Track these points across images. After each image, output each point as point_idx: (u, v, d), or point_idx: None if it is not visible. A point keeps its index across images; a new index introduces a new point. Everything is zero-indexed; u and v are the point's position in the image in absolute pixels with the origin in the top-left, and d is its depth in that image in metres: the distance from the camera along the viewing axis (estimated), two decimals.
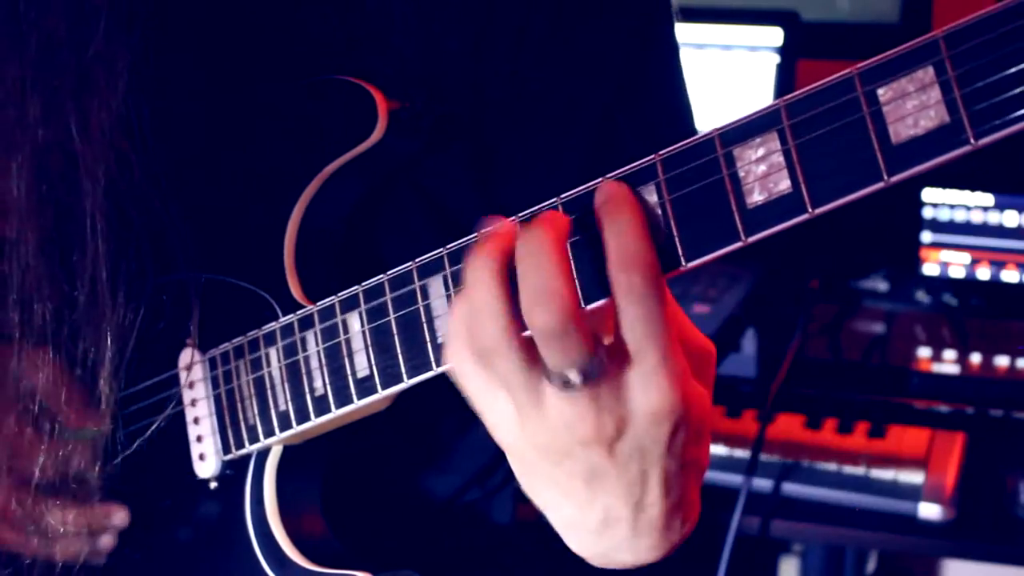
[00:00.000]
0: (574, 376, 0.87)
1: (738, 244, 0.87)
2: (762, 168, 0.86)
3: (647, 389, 0.88)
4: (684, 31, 1.34)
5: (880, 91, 0.81)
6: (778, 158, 0.85)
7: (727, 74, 2.76)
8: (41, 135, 1.09)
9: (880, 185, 0.81)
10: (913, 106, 0.80)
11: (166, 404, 1.22)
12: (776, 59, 2.74)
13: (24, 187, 1.10)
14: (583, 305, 0.92)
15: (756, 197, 0.86)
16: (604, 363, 0.88)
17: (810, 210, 0.84)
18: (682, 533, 1.01)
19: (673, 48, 1.31)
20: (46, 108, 1.09)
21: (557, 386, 0.88)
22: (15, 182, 1.10)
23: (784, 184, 0.85)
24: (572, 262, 0.92)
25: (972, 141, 0.78)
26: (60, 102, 1.09)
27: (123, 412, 1.23)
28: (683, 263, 0.89)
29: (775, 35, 2.74)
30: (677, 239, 0.90)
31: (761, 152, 0.86)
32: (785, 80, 2.73)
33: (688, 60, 1.34)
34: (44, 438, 1.18)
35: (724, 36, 2.77)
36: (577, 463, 0.92)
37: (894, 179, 0.81)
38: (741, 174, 0.87)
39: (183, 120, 1.21)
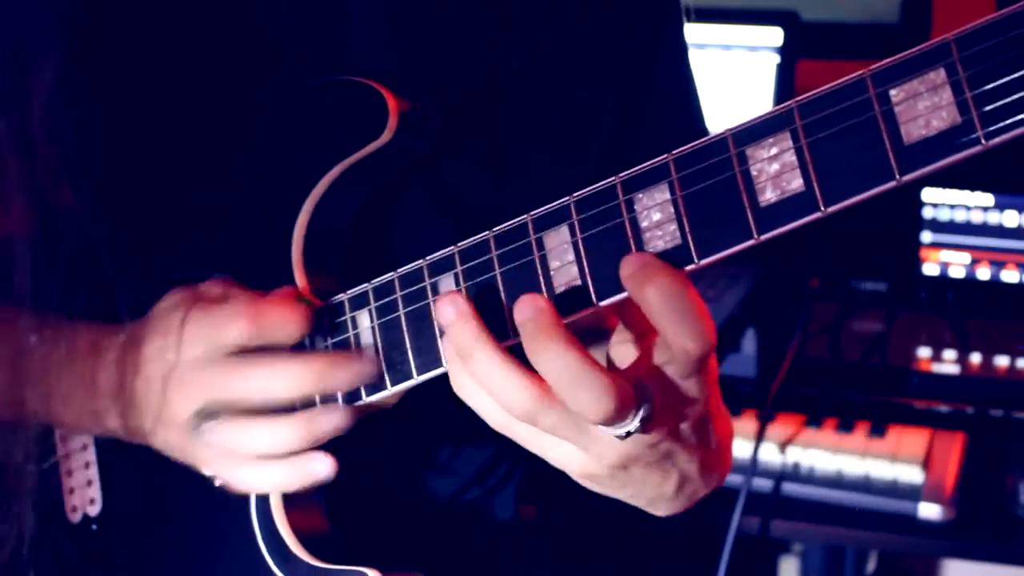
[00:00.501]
0: (634, 427, 0.91)
1: (751, 242, 0.88)
2: (775, 167, 0.87)
3: (688, 376, 0.93)
4: (685, 31, 1.35)
5: (892, 92, 0.82)
6: (790, 157, 0.86)
7: (727, 74, 2.76)
8: None
9: (892, 184, 0.82)
10: (925, 107, 0.81)
11: None
12: (776, 59, 2.74)
13: None
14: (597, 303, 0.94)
15: (768, 195, 0.87)
16: (651, 396, 0.92)
17: (823, 209, 0.85)
18: (731, 440, 1.09)
19: (682, 48, 1.31)
20: None
21: (621, 437, 0.92)
22: None
23: (796, 183, 0.86)
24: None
25: (983, 142, 0.79)
26: None
27: None
28: (696, 260, 0.90)
29: (775, 35, 2.75)
30: (690, 237, 0.90)
31: (774, 151, 0.87)
32: (785, 80, 2.74)
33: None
34: None
35: (724, 36, 2.77)
36: (648, 460, 0.98)
37: (906, 179, 0.82)
38: (754, 173, 0.88)
39: (190, 120, 1.21)
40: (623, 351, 1.00)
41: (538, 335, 0.90)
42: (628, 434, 0.91)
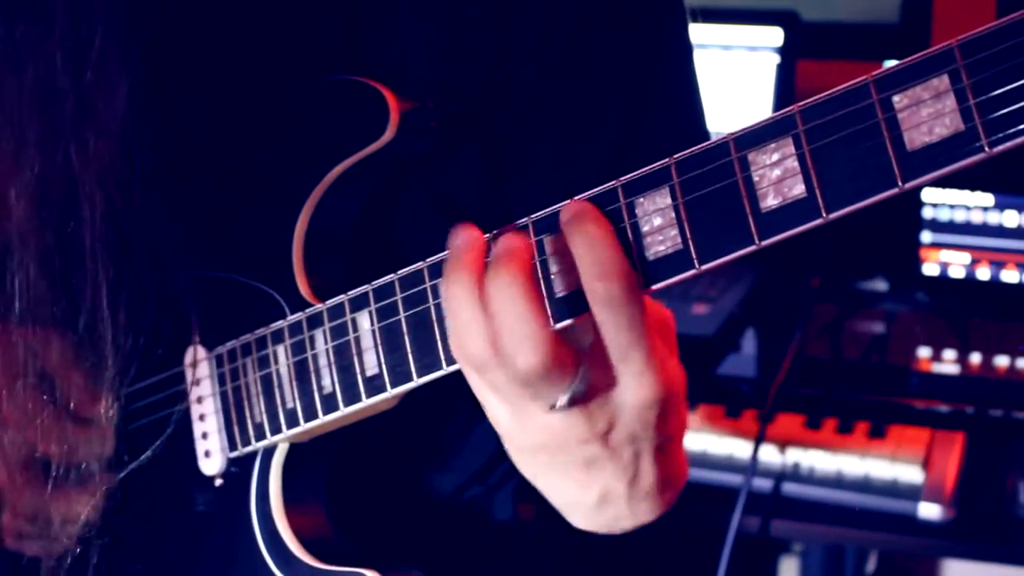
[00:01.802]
0: (562, 401, 0.93)
1: (752, 248, 0.88)
2: (776, 173, 0.87)
3: (636, 388, 0.93)
4: (690, 32, 1.35)
5: (895, 98, 0.82)
6: (793, 163, 0.86)
7: (727, 74, 2.76)
8: (40, 161, 1.10)
9: (895, 191, 0.82)
10: (928, 113, 0.81)
11: (171, 401, 1.22)
12: (776, 59, 2.74)
13: (23, 213, 1.10)
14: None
15: (770, 201, 0.87)
16: (588, 378, 0.93)
17: (825, 215, 0.85)
18: (675, 490, 1.06)
19: (687, 49, 1.31)
20: (44, 134, 1.10)
21: (546, 409, 0.93)
22: (14, 208, 1.10)
23: (799, 189, 0.86)
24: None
25: (987, 149, 0.79)
26: (58, 128, 1.10)
27: (129, 408, 1.24)
28: (696, 265, 0.90)
29: (775, 35, 2.75)
30: (691, 242, 0.90)
31: (776, 157, 0.87)
32: (785, 80, 2.74)
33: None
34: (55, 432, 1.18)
35: (724, 36, 2.77)
36: (573, 455, 0.98)
37: (908, 185, 0.82)
38: (755, 178, 0.88)
39: (190, 117, 1.21)
40: None
41: (501, 267, 0.92)
42: (553, 406, 0.93)
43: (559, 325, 0.95)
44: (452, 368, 1.02)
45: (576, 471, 1.00)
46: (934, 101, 0.81)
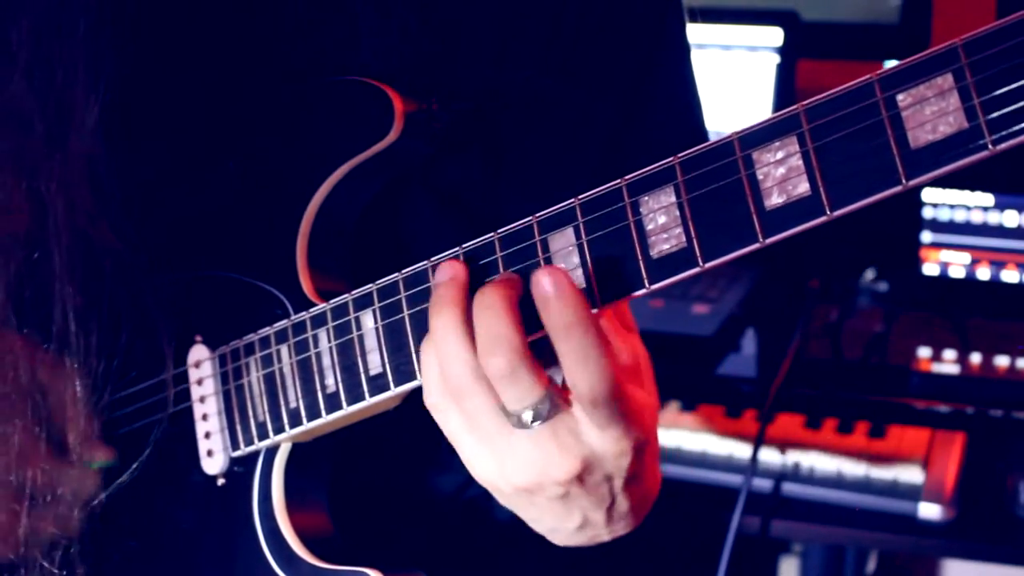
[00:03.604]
0: (527, 416, 0.95)
1: (756, 246, 0.88)
2: (781, 171, 0.87)
3: (604, 427, 0.97)
4: (688, 32, 1.35)
5: (899, 96, 0.82)
6: (797, 161, 0.86)
7: (727, 74, 2.76)
8: (8, 187, 1.10)
9: (898, 189, 0.82)
10: (932, 112, 0.81)
11: (174, 400, 1.22)
12: (776, 59, 2.74)
13: None
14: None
15: (775, 199, 0.87)
16: (556, 401, 0.96)
17: (828, 213, 0.85)
18: (650, 503, 1.12)
19: (685, 49, 1.31)
20: (11, 160, 1.10)
21: (515, 424, 0.96)
22: None
23: (803, 187, 0.86)
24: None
25: (990, 147, 0.79)
26: (26, 154, 1.11)
27: (131, 407, 1.24)
28: (701, 263, 0.90)
29: (775, 35, 2.75)
30: (695, 240, 0.90)
31: (780, 155, 0.87)
32: (785, 80, 2.74)
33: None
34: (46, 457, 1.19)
35: (724, 36, 2.77)
36: (551, 493, 1.01)
37: (912, 183, 0.82)
38: (759, 176, 0.88)
39: (193, 118, 1.21)
40: None
41: (487, 288, 0.95)
42: (520, 422, 0.95)
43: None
44: None
45: (555, 506, 1.03)
46: (938, 99, 0.81)
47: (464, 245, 1.02)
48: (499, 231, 1.00)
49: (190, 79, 1.21)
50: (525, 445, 0.98)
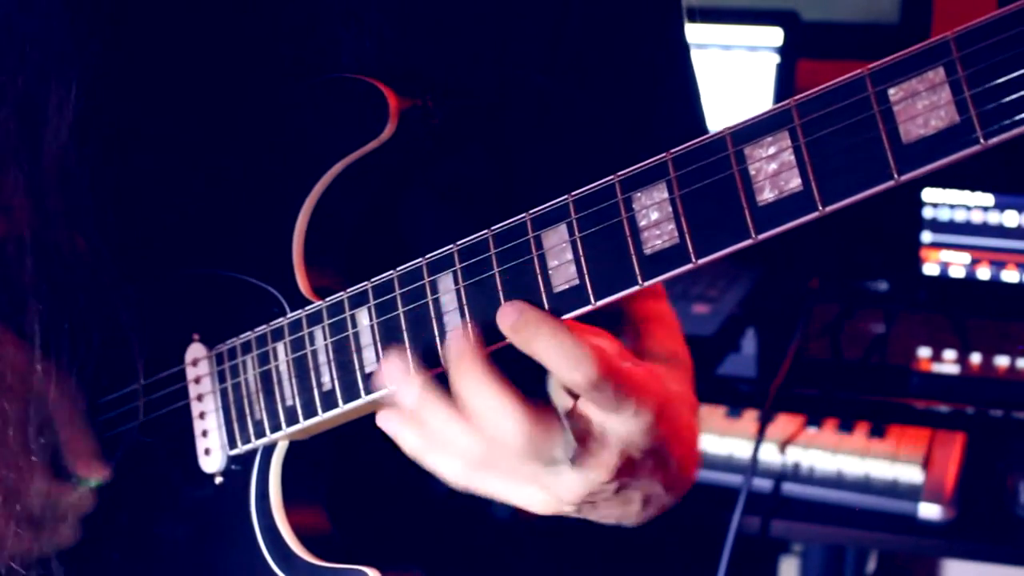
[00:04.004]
0: (563, 461, 0.97)
1: (748, 241, 0.88)
2: (773, 166, 0.87)
3: (616, 409, 0.97)
4: (687, 31, 1.35)
5: (891, 91, 0.82)
6: (789, 156, 0.86)
7: (727, 74, 2.76)
8: None
9: (891, 184, 0.82)
10: (923, 106, 0.81)
11: (172, 399, 1.23)
12: (776, 59, 2.74)
13: None
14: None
15: (767, 195, 0.87)
16: (574, 426, 0.97)
17: (820, 208, 0.85)
18: (696, 453, 1.13)
19: (685, 48, 1.31)
20: None
21: (552, 465, 0.98)
22: None
23: (795, 182, 0.86)
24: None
25: (982, 141, 0.79)
26: None
27: (131, 406, 1.24)
28: (694, 259, 0.90)
29: (775, 35, 2.75)
30: (688, 236, 0.90)
31: (772, 150, 0.87)
32: (785, 80, 2.74)
33: None
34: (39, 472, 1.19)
35: (724, 36, 2.77)
36: (607, 493, 1.02)
37: (904, 178, 0.82)
38: (752, 172, 0.88)
39: (192, 118, 1.21)
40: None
41: (460, 366, 0.97)
42: (560, 468, 0.98)
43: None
44: None
45: (615, 501, 1.04)
46: (929, 93, 0.81)
47: (458, 242, 1.02)
48: (492, 228, 1.00)
49: (173, 77, 1.21)
50: (565, 470, 0.99)
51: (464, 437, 0.99)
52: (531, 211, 0.98)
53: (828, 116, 0.84)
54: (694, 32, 1.32)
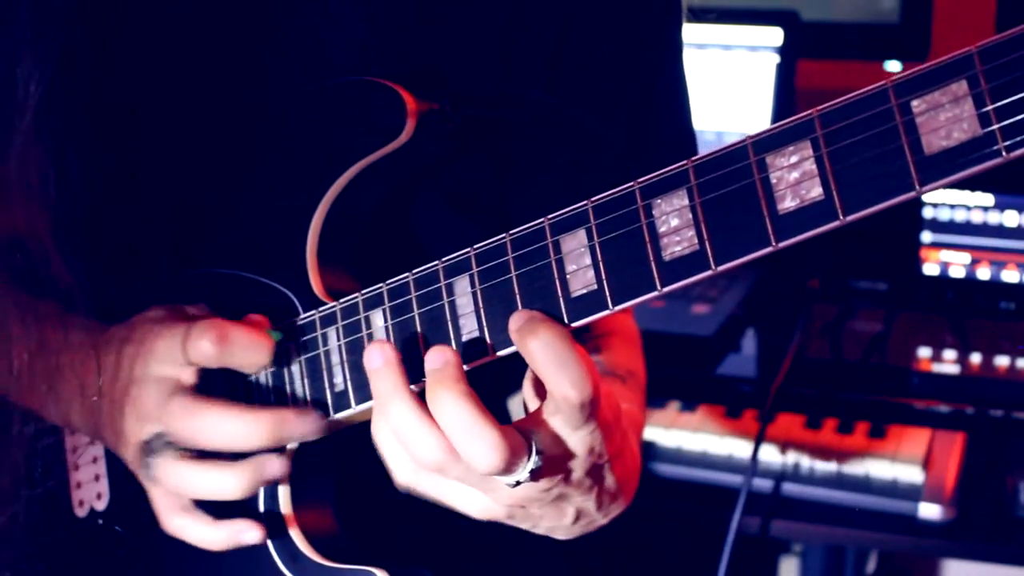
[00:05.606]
0: (524, 478, 0.97)
1: (768, 249, 0.89)
2: (794, 175, 0.87)
3: (578, 427, 0.99)
4: (685, 31, 1.35)
5: (914, 103, 0.83)
6: (810, 165, 0.86)
7: (727, 74, 2.76)
8: None
9: (912, 194, 0.83)
10: (946, 118, 0.81)
11: None
12: (776, 59, 2.74)
13: None
14: None
15: (788, 203, 0.88)
16: (543, 448, 0.98)
17: (842, 217, 0.85)
18: (637, 478, 1.14)
19: (679, 48, 1.32)
20: None
21: (512, 485, 0.98)
22: None
23: (816, 191, 0.86)
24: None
25: (1004, 154, 0.80)
26: None
27: None
28: (713, 266, 0.91)
29: (775, 35, 2.74)
30: (707, 243, 0.91)
31: (794, 159, 0.87)
32: (785, 80, 2.73)
33: (688, 60, 1.35)
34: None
35: (724, 36, 2.77)
36: (543, 500, 1.03)
37: (925, 189, 0.82)
38: (773, 180, 0.88)
39: (208, 116, 1.21)
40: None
41: (437, 386, 0.96)
42: (518, 483, 0.97)
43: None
44: (467, 367, 1.02)
45: (549, 510, 1.05)
46: (952, 106, 0.81)
47: (475, 246, 1.02)
48: (511, 232, 1.00)
49: (191, 74, 1.21)
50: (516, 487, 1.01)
51: (426, 444, 0.98)
52: (549, 216, 0.98)
53: (851, 126, 0.85)
54: (695, 32, 1.32)
